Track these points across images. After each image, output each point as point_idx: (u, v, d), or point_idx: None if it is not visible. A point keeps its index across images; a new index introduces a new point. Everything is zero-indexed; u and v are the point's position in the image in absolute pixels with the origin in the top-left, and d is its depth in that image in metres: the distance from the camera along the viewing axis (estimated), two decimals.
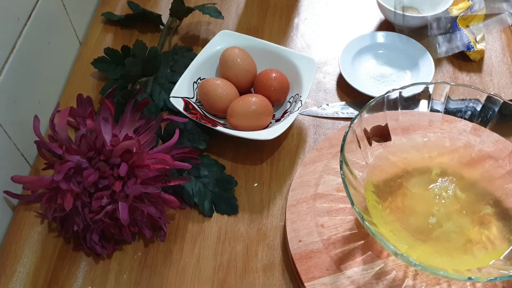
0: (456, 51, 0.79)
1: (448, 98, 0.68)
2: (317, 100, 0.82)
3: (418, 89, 0.68)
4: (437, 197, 0.64)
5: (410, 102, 0.69)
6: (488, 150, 0.68)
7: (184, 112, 0.73)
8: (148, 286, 0.64)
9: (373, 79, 0.84)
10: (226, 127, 0.73)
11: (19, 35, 0.70)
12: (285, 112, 0.76)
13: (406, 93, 0.67)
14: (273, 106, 0.76)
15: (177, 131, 0.66)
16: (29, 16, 0.73)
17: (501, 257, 0.59)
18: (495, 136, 0.67)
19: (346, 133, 0.62)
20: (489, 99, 0.66)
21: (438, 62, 0.86)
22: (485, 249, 0.60)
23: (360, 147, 0.65)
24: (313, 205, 0.68)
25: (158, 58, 0.80)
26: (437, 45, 0.72)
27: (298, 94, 0.76)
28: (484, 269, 0.58)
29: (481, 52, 0.85)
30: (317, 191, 0.69)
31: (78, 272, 0.65)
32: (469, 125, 0.68)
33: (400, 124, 0.69)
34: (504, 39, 0.90)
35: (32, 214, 0.69)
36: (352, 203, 0.57)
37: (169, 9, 0.88)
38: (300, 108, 0.74)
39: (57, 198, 0.61)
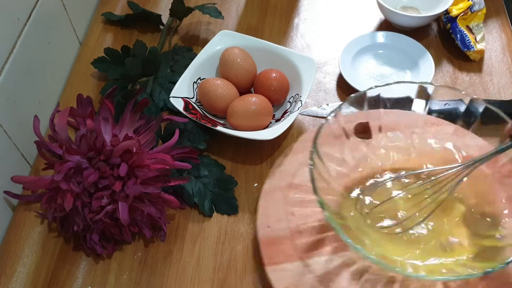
0: None
1: (432, 99, 0.68)
2: (317, 100, 0.82)
3: (402, 88, 0.68)
4: (412, 197, 0.65)
5: (393, 102, 0.69)
6: (469, 154, 0.68)
7: (184, 112, 0.73)
8: (148, 286, 0.64)
9: (373, 79, 0.84)
10: (226, 127, 0.73)
11: (19, 35, 0.70)
12: (285, 112, 0.76)
13: (389, 91, 0.68)
14: (273, 106, 0.76)
15: (177, 131, 0.66)
16: (29, 16, 0.73)
17: (466, 257, 0.60)
18: (478, 139, 0.67)
19: (322, 125, 0.63)
20: (473, 100, 0.66)
21: (438, 62, 0.86)
22: (452, 251, 0.61)
23: (338, 141, 0.66)
24: (287, 194, 0.68)
25: (158, 58, 0.80)
26: None
27: (298, 94, 0.76)
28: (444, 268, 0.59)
29: (481, 52, 0.85)
30: (293, 181, 0.70)
31: (78, 272, 0.65)
32: (452, 127, 0.69)
33: (382, 123, 0.70)
34: (504, 39, 0.90)
35: (32, 214, 0.69)
36: (315, 191, 0.59)
37: (169, 9, 0.88)
38: (300, 108, 0.74)
39: (57, 198, 0.61)
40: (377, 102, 0.68)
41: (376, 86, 0.67)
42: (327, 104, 0.81)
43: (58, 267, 0.65)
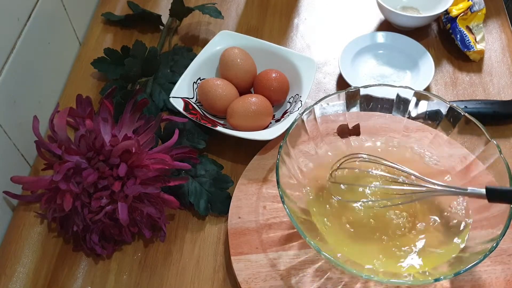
0: None
1: (413, 103, 0.69)
2: (317, 100, 0.82)
3: (383, 90, 0.69)
4: (383, 200, 0.65)
5: (373, 103, 0.70)
6: (444, 163, 0.68)
7: (184, 113, 0.72)
8: (148, 286, 0.64)
9: (373, 79, 0.84)
10: (226, 127, 0.73)
11: (19, 35, 0.70)
12: (285, 112, 0.76)
13: (371, 93, 0.69)
14: (273, 106, 0.76)
15: (177, 131, 0.66)
16: (29, 16, 0.73)
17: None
18: (454, 147, 0.68)
19: (294, 122, 0.65)
20: (452, 108, 0.66)
21: (438, 62, 0.86)
22: (410, 256, 0.61)
23: (311, 138, 0.68)
24: (261, 188, 0.69)
25: (158, 58, 0.80)
26: None
27: (298, 94, 0.76)
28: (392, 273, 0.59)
29: (481, 52, 0.85)
30: (269, 176, 0.70)
31: (78, 272, 0.65)
32: (431, 134, 0.69)
33: (362, 125, 0.71)
34: (504, 39, 0.89)
35: (31, 214, 0.69)
36: (278, 181, 0.60)
37: (169, 9, 0.88)
38: (300, 108, 0.73)
39: (57, 198, 0.61)
40: (355, 103, 0.70)
41: (355, 87, 0.68)
42: (328, 104, 0.81)
43: (58, 267, 0.65)
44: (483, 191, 0.58)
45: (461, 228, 0.62)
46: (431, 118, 0.69)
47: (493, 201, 0.58)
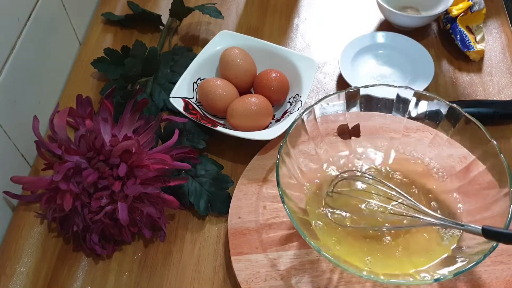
0: None
1: (413, 103, 0.69)
2: (317, 100, 0.82)
3: (383, 90, 0.69)
4: (384, 200, 0.65)
5: (373, 103, 0.70)
6: (444, 163, 0.68)
7: (184, 113, 0.73)
8: (148, 286, 0.64)
9: (373, 79, 0.84)
10: (226, 127, 0.73)
11: (19, 35, 0.70)
12: (285, 112, 0.76)
13: (371, 93, 0.69)
14: (273, 106, 0.76)
15: (177, 131, 0.66)
16: (29, 16, 0.73)
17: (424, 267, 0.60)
18: (454, 147, 0.68)
19: (294, 122, 0.65)
20: (452, 108, 0.66)
21: (438, 62, 0.86)
22: (409, 257, 0.61)
23: (311, 138, 0.68)
24: (261, 188, 0.69)
25: (158, 58, 0.80)
26: None
27: (298, 95, 0.76)
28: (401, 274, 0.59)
29: (481, 52, 0.85)
30: (269, 176, 0.70)
31: (78, 272, 0.65)
32: (432, 132, 0.69)
33: (362, 125, 0.71)
34: (504, 39, 0.89)
35: (32, 214, 0.69)
36: (278, 181, 0.60)
37: (169, 9, 0.88)
38: (300, 108, 0.73)
39: (57, 198, 0.61)
40: (355, 103, 0.69)
41: (355, 87, 0.68)
42: (328, 104, 0.81)
43: (58, 267, 0.65)
44: (479, 229, 0.56)
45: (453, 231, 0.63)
46: (431, 118, 0.69)
47: (489, 239, 0.56)
